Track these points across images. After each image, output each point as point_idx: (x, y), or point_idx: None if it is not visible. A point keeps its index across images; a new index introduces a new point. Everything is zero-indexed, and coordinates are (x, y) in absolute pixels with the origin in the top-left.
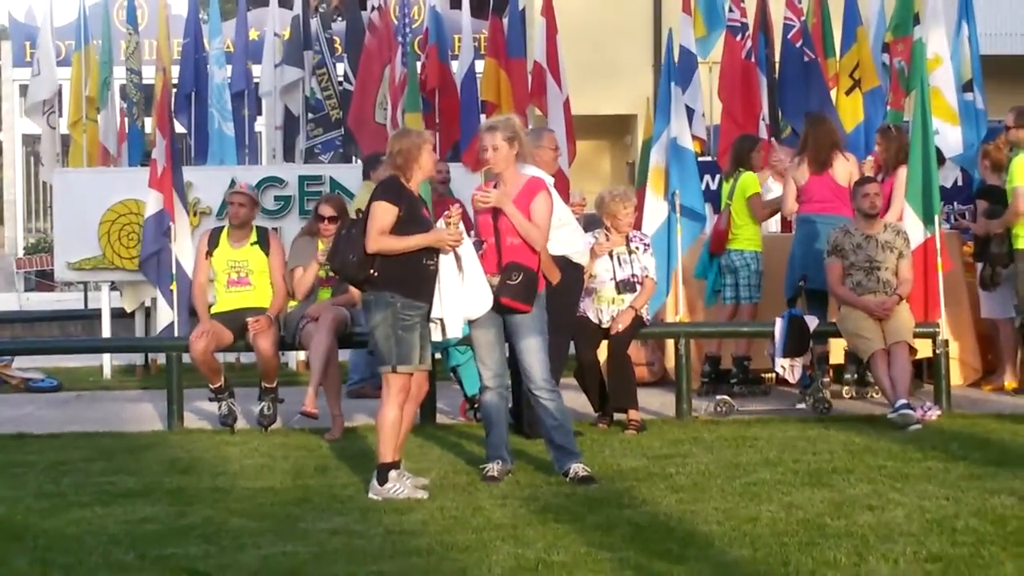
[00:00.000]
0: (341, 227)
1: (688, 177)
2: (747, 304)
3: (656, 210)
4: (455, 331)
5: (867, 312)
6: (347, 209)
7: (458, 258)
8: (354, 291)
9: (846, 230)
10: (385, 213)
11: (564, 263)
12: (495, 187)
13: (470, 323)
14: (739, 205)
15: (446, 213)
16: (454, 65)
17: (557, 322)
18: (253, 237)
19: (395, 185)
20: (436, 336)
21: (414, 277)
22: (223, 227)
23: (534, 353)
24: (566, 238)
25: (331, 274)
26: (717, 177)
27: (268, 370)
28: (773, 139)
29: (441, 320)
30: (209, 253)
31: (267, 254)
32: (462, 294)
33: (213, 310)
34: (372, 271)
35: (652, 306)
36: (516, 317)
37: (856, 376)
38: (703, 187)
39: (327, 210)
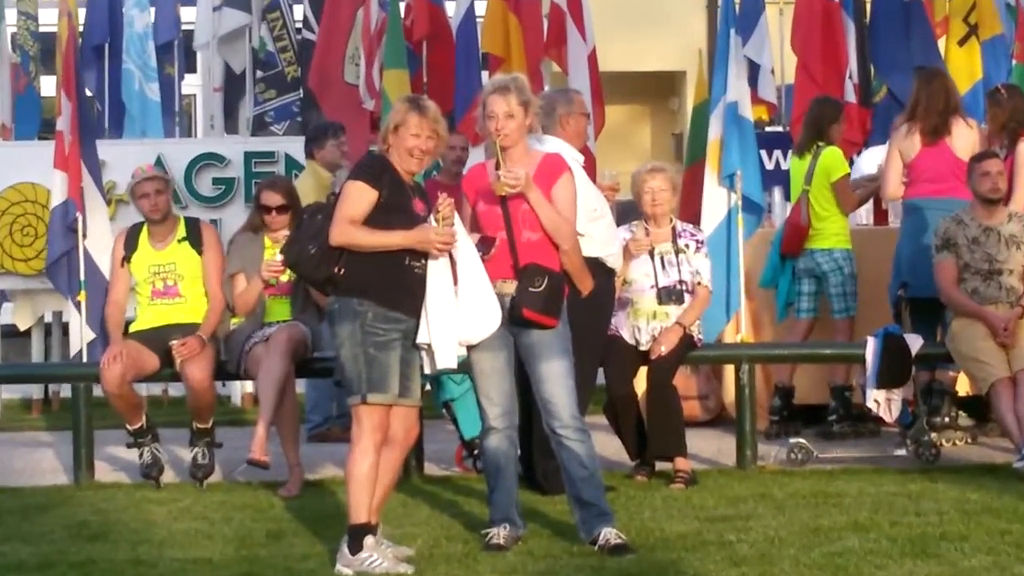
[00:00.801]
0: (304, 212)
1: (748, 156)
2: (842, 319)
3: (716, 199)
4: (446, 360)
5: (989, 327)
6: (296, 195)
7: (453, 263)
8: (322, 300)
9: (959, 219)
10: (359, 196)
11: (594, 268)
12: (496, 167)
13: (469, 347)
14: (821, 190)
15: (436, 205)
16: (448, 7)
17: (582, 343)
18: (181, 231)
19: (377, 163)
20: (426, 367)
21: (392, 281)
22: (142, 224)
23: (559, 381)
24: (602, 235)
25: (288, 277)
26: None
27: (202, 406)
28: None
29: (429, 346)
30: (126, 259)
31: (200, 253)
32: (457, 311)
33: (133, 327)
34: (337, 269)
35: (710, 327)
36: (534, 335)
37: (947, 416)
38: (771, 166)
39: (273, 198)
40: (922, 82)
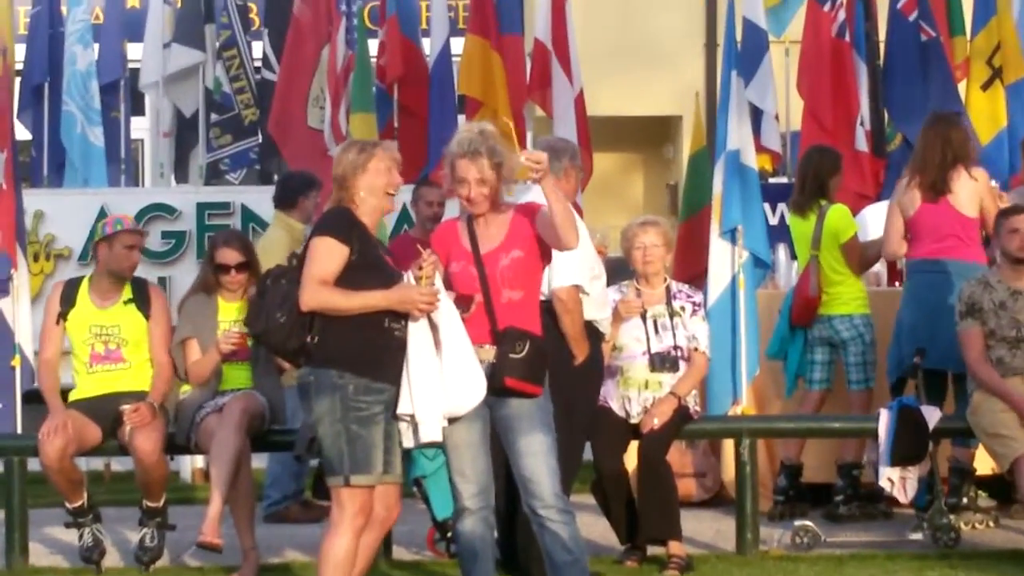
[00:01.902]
0: (266, 276)
1: (752, 209)
2: (860, 390)
3: (722, 257)
4: (431, 432)
5: (1012, 406)
6: (256, 252)
7: (434, 327)
8: (285, 366)
9: (985, 281)
10: (329, 255)
11: (587, 332)
12: (468, 223)
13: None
14: (831, 252)
15: (416, 262)
16: (424, 45)
17: (569, 415)
18: (127, 292)
19: (344, 217)
20: (405, 440)
21: (372, 347)
22: (81, 278)
23: (541, 457)
24: (598, 296)
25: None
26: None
27: (153, 481)
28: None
29: (412, 417)
30: (63, 315)
31: (147, 317)
32: (441, 379)
33: (72, 396)
34: (310, 337)
35: (716, 401)
36: (513, 406)
37: (966, 496)
38: (775, 221)
39: (229, 255)
40: (922, 131)
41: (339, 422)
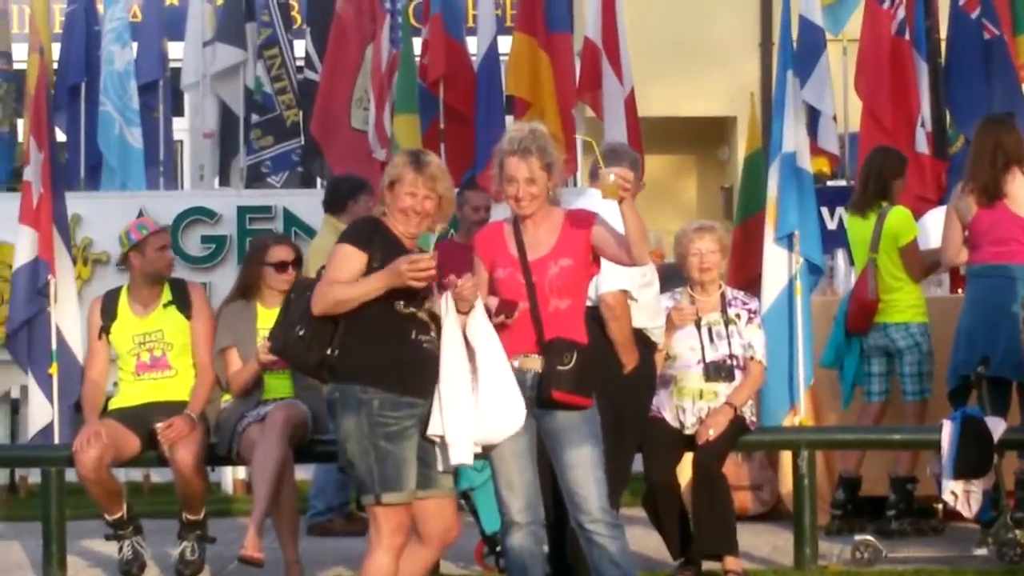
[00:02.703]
0: (291, 289)
1: (807, 213)
2: (915, 402)
3: (777, 263)
4: (462, 455)
5: None
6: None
7: (471, 350)
8: None
9: None
10: (345, 260)
11: (635, 341)
12: (515, 227)
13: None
14: (890, 256)
15: (452, 280)
16: (470, 43)
17: (619, 426)
18: (166, 295)
19: (367, 225)
20: (434, 458)
21: (398, 360)
22: (119, 289)
23: (588, 470)
24: (651, 304)
25: None
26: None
27: (192, 494)
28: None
29: (442, 438)
30: (105, 329)
31: (188, 316)
32: (474, 402)
33: (113, 403)
34: (330, 351)
35: (771, 412)
36: (560, 418)
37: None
38: (833, 225)
39: (283, 252)
40: (974, 135)
41: (366, 439)
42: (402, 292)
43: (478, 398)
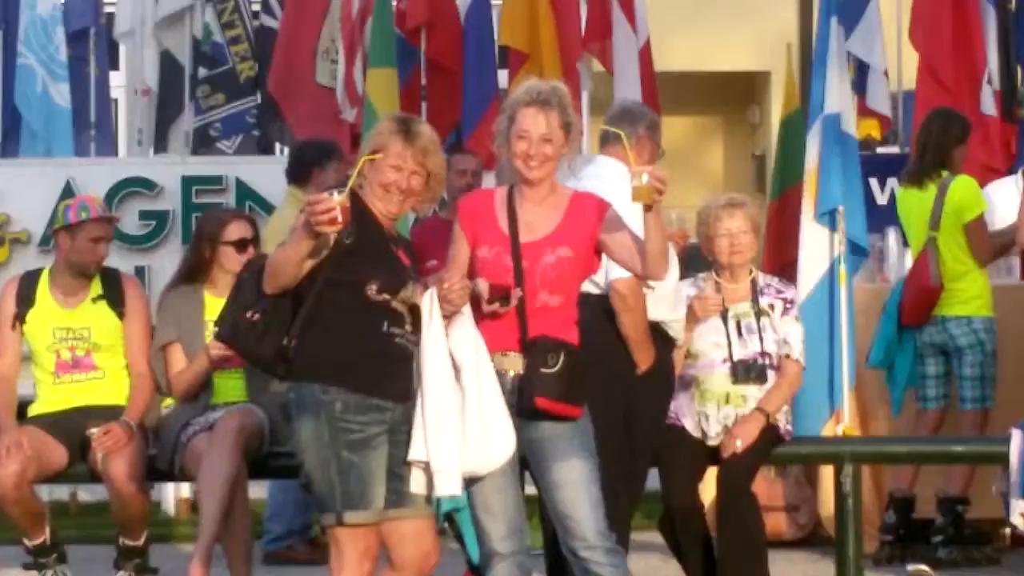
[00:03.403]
0: (244, 267)
1: (853, 185)
2: (975, 410)
3: (817, 245)
4: (450, 486)
5: None
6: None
7: (456, 367)
8: None
9: None
10: None
11: (652, 336)
12: (509, 199)
13: None
14: (953, 236)
15: (439, 276)
16: None
17: (630, 436)
18: (96, 287)
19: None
20: (416, 486)
21: (364, 354)
22: (39, 272)
23: (580, 488)
24: (668, 294)
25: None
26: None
27: (131, 516)
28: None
29: (427, 465)
30: (19, 318)
31: (121, 317)
32: (462, 425)
33: (33, 410)
34: (287, 341)
35: (808, 419)
36: (546, 429)
37: None
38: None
39: (243, 228)
40: None
41: (327, 447)
42: (371, 274)
43: (465, 420)
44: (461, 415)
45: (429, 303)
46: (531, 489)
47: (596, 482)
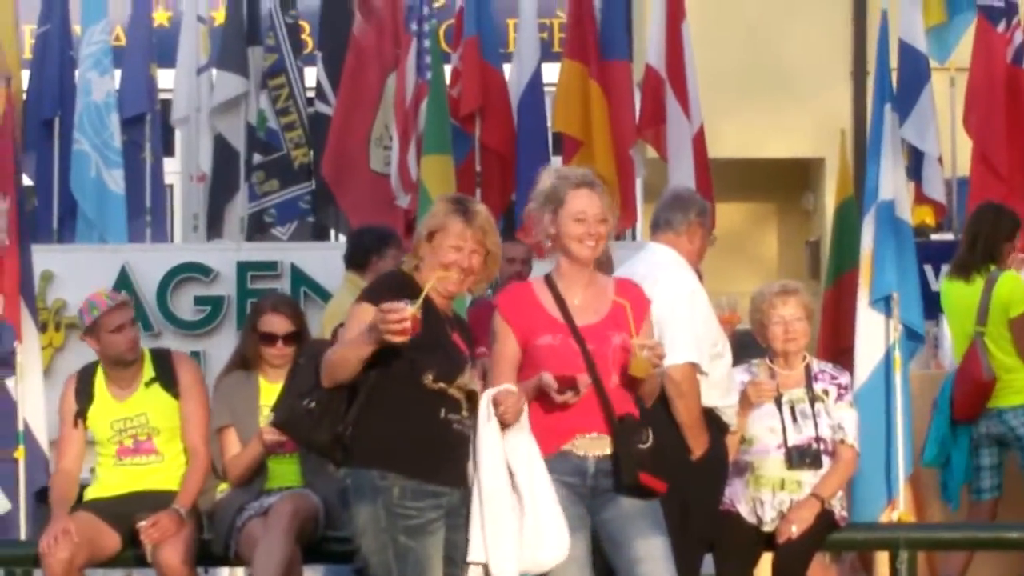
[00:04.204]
0: (300, 354)
1: (908, 272)
2: None
3: (873, 331)
4: None
5: None
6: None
7: (512, 473)
8: None
9: None
10: (358, 322)
11: (705, 422)
12: (550, 287)
13: None
14: (1000, 330)
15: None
16: (507, 71)
17: (685, 521)
18: (148, 371)
19: (393, 280)
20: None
21: (423, 440)
22: (95, 365)
23: (662, 564)
24: (722, 379)
25: None
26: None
27: None
28: None
29: (485, 567)
30: (80, 415)
31: (176, 396)
32: (519, 528)
33: (90, 493)
34: (343, 428)
35: (863, 510)
36: (626, 506)
37: None
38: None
39: (276, 322)
40: None
41: (384, 532)
42: (428, 363)
43: (522, 524)
44: (518, 518)
45: (487, 408)
46: None
47: (673, 560)
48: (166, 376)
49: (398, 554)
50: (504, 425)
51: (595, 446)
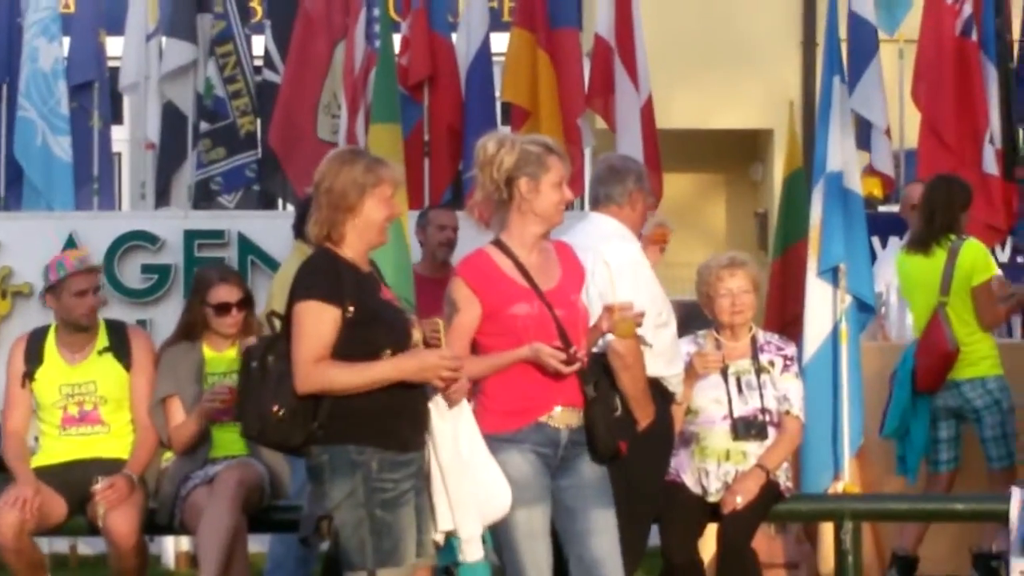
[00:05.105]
0: (247, 356)
1: (856, 243)
2: (1001, 469)
3: (822, 302)
4: (476, 551)
5: None
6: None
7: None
8: None
9: None
10: (318, 323)
11: (651, 392)
12: (505, 253)
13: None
14: (963, 301)
15: (424, 322)
16: (457, 41)
17: (631, 492)
18: (102, 340)
19: (327, 267)
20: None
21: (393, 412)
22: (46, 328)
23: (612, 535)
24: (666, 348)
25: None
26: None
27: (126, 569)
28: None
29: (454, 533)
30: (28, 376)
31: (128, 368)
32: (471, 484)
33: (35, 461)
34: (316, 424)
35: (810, 481)
36: (585, 474)
37: None
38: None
39: (228, 292)
40: None
41: (362, 507)
42: (382, 340)
43: (473, 477)
44: (465, 472)
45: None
46: None
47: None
48: (120, 347)
49: (374, 529)
50: (453, 403)
51: (570, 418)
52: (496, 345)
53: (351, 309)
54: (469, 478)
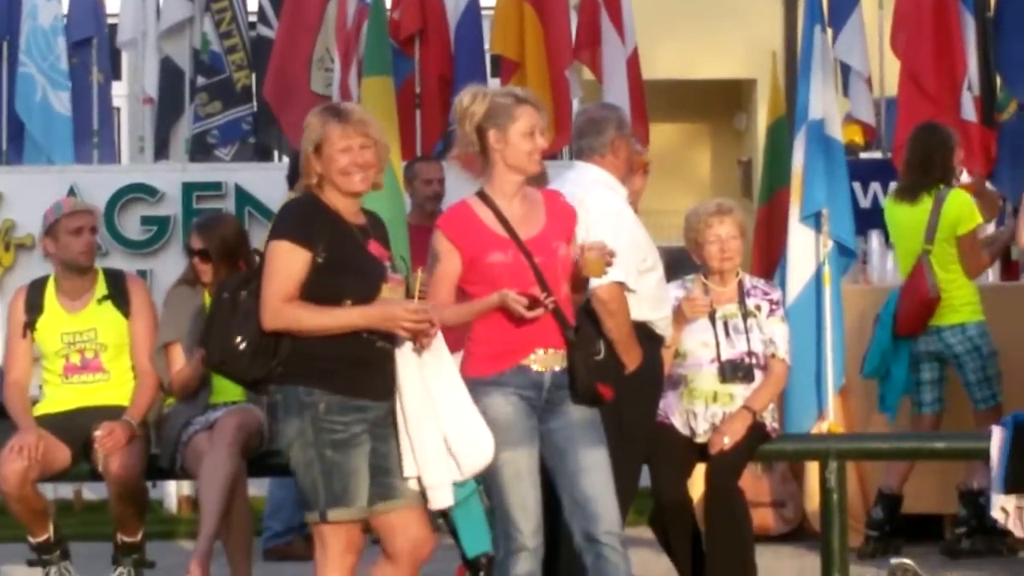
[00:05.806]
0: (220, 287)
1: (838, 189)
2: (988, 409)
3: (804, 247)
4: (444, 499)
5: None
6: (241, 241)
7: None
8: None
9: None
10: (287, 265)
11: (639, 336)
12: (487, 203)
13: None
14: (946, 248)
15: (393, 276)
16: None
17: (621, 434)
18: (101, 288)
19: (302, 209)
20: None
21: (346, 360)
22: (46, 278)
23: (605, 474)
24: (652, 292)
25: None
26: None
27: (129, 513)
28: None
29: (419, 480)
30: (29, 326)
31: (127, 316)
32: (444, 438)
33: (38, 409)
34: (275, 364)
35: (795, 422)
36: (575, 415)
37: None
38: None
39: (195, 241)
40: None
41: (311, 447)
42: (345, 288)
43: (448, 437)
44: (438, 425)
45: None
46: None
47: (612, 472)
48: (119, 295)
49: (324, 469)
50: (421, 350)
51: (552, 361)
52: (477, 293)
53: (322, 255)
54: (442, 427)
